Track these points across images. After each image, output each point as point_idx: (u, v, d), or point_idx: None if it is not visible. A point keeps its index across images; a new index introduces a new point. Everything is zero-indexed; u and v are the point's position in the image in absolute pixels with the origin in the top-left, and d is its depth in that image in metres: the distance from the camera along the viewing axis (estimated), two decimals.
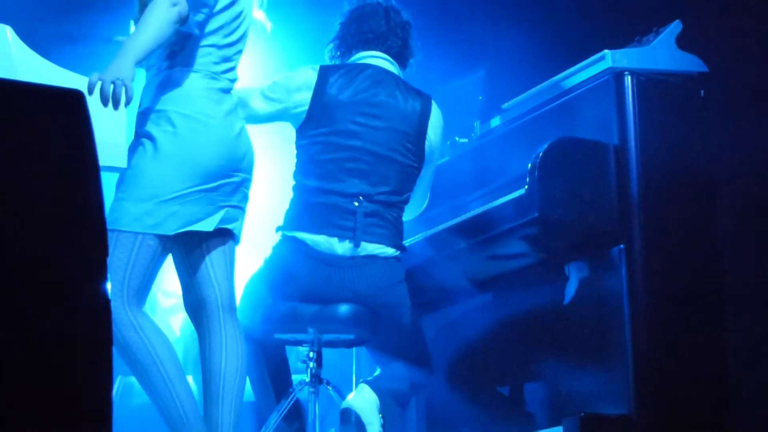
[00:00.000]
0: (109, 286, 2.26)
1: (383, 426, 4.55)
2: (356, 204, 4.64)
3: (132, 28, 4.18)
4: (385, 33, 4.95)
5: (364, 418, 4.52)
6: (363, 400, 4.57)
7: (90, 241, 2.27)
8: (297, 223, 4.70)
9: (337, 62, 4.99)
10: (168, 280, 6.37)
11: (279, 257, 4.74)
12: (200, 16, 4.00)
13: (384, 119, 4.70)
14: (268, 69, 5.35)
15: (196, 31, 4.00)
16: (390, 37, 4.96)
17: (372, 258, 4.66)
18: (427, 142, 4.83)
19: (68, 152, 2.31)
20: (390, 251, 4.69)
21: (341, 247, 4.64)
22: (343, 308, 4.65)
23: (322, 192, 4.67)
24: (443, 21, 6.31)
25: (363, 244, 4.63)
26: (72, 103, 2.35)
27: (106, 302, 2.25)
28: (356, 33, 4.97)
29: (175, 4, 3.87)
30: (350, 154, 4.69)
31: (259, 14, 4.36)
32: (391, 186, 4.70)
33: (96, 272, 2.26)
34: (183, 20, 3.91)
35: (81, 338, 2.24)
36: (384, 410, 4.58)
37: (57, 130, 2.33)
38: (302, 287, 4.68)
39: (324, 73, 4.80)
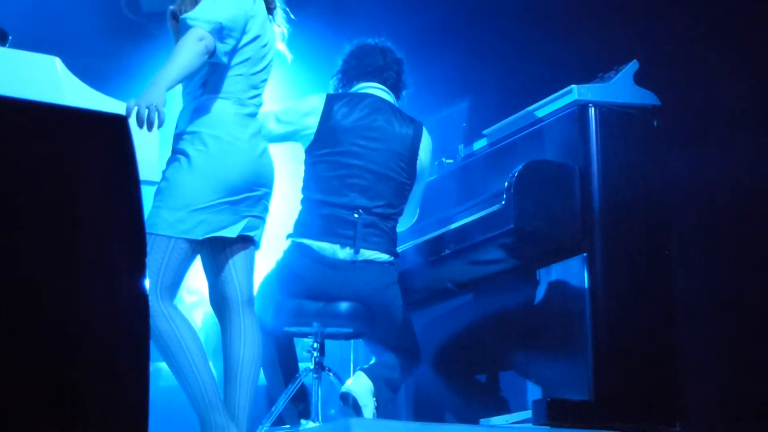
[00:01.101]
0: (147, 282, 2.30)
1: (377, 408, 4.61)
2: (356, 216, 4.68)
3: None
4: (382, 67, 4.99)
5: (360, 401, 4.57)
6: (359, 385, 4.62)
7: (132, 242, 2.31)
8: (304, 231, 4.74)
9: (341, 92, 5.04)
10: (192, 280, 6.37)
11: (288, 260, 4.77)
12: (227, 47, 4.01)
13: (381, 141, 4.73)
14: (285, 94, 5.37)
15: (224, 60, 4.03)
16: (386, 70, 5.00)
17: (369, 263, 4.70)
18: (418, 162, 4.86)
19: (114, 167, 2.34)
20: (385, 257, 4.73)
21: (343, 252, 4.69)
22: (344, 305, 4.68)
23: (326, 205, 4.70)
24: (432, 59, 6.33)
25: (362, 250, 4.67)
26: (117, 125, 2.39)
27: (145, 296, 2.30)
28: (357, 66, 5.01)
29: (201, 39, 3.91)
30: (352, 171, 4.73)
31: (281, 46, 4.39)
32: (387, 200, 4.74)
33: (137, 270, 2.30)
34: (210, 53, 3.94)
35: (123, 327, 2.28)
36: (378, 394, 4.63)
37: (105, 148, 2.36)
38: (308, 286, 4.71)
39: (330, 100, 4.85)
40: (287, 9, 4.42)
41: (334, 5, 6.99)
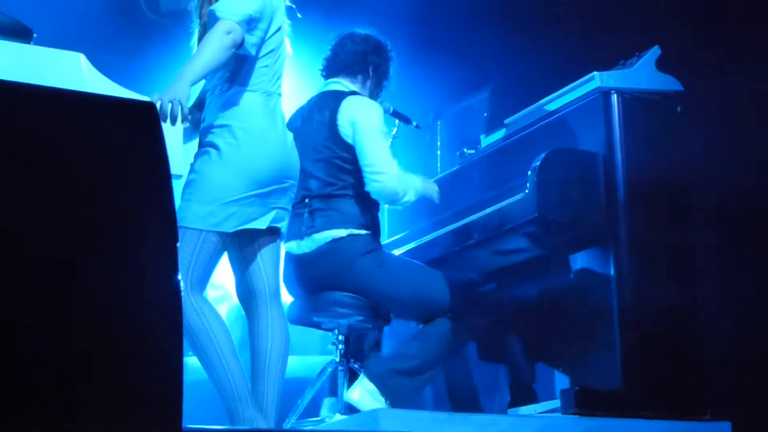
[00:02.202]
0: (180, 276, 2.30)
1: (391, 402, 4.56)
2: (306, 208, 4.75)
3: (194, 47, 4.22)
4: (328, 57, 5.08)
5: (363, 409, 4.54)
6: (361, 391, 4.58)
7: (164, 234, 2.32)
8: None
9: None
10: (216, 275, 6.38)
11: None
12: (255, 39, 4.01)
13: (299, 141, 4.49)
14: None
15: (252, 52, 4.03)
16: (329, 57, 5.07)
17: (328, 243, 4.69)
18: (341, 129, 4.82)
19: (145, 151, 2.35)
20: (342, 232, 4.72)
21: (303, 246, 4.74)
22: (339, 296, 4.76)
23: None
24: (453, 49, 6.32)
25: (314, 236, 4.70)
26: (147, 111, 2.40)
27: (177, 285, 2.30)
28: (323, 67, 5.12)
29: (229, 32, 3.90)
30: None
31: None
32: (323, 179, 4.73)
33: (169, 262, 2.30)
34: (238, 45, 3.94)
35: (157, 315, 2.28)
36: (388, 391, 4.58)
37: (135, 133, 2.37)
38: (292, 285, 4.85)
39: None
40: (293, 6, 4.41)
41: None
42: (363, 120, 4.82)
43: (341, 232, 4.71)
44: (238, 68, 4.08)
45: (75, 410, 2.17)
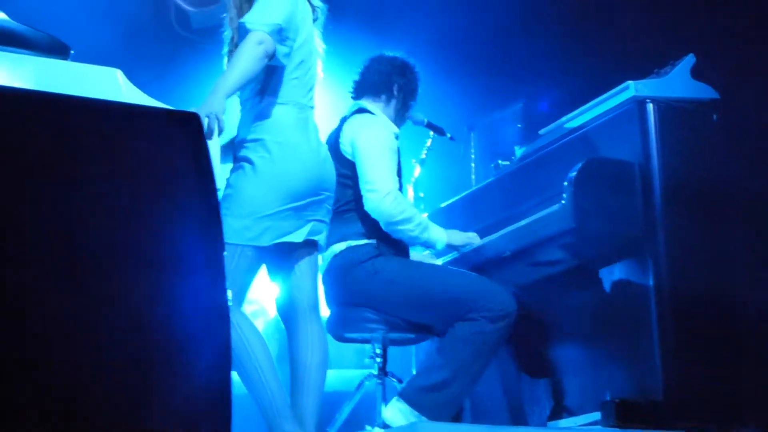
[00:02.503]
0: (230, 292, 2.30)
1: (428, 417, 4.52)
2: None
3: (224, 62, 4.23)
4: (356, 80, 5.15)
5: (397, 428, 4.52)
6: (393, 410, 4.54)
7: (212, 245, 2.32)
8: None
9: None
10: (251, 289, 6.39)
11: None
12: (286, 49, 4.01)
13: None
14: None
15: (284, 63, 4.03)
16: (357, 80, 5.14)
17: (331, 260, 4.74)
18: (342, 146, 4.83)
19: (191, 161, 2.36)
20: (341, 245, 4.73)
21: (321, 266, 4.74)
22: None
23: None
24: (486, 62, 6.32)
25: (323, 254, 4.68)
26: (192, 121, 2.41)
27: (226, 302, 2.30)
28: None
29: (261, 43, 3.91)
30: None
31: (318, 64, 4.39)
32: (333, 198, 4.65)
33: (217, 274, 2.30)
34: (270, 56, 3.94)
35: (207, 333, 2.28)
36: (422, 407, 4.54)
37: (181, 141, 2.38)
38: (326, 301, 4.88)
39: None
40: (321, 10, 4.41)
41: (383, 10, 6.98)
42: (361, 138, 4.83)
43: (340, 246, 4.74)
44: (268, 81, 4.08)
45: (121, 423, 2.17)
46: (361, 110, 4.98)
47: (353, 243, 4.73)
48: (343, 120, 4.95)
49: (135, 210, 2.34)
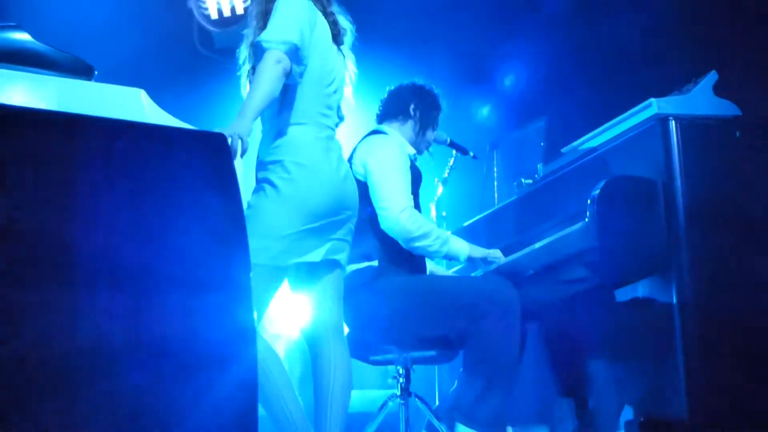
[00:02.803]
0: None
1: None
2: None
3: (242, 81, 4.25)
4: (379, 108, 5.21)
5: None
6: None
7: (238, 264, 2.33)
8: None
9: None
10: (273, 310, 6.40)
11: None
12: (301, 68, 4.03)
13: None
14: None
15: (298, 81, 4.05)
16: (379, 108, 5.21)
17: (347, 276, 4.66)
18: (354, 167, 4.86)
19: (219, 181, 2.38)
20: (351, 267, 4.69)
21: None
22: None
23: None
24: (509, 79, 6.32)
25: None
26: (219, 141, 2.44)
27: (253, 321, 2.31)
28: None
29: (279, 62, 3.92)
30: None
31: (348, 90, 4.41)
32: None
33: (243, 294, 2.32)
34: (288, 74, 3.97)
35: (232, 352, 2.29)
36: (480, 421, 4.54)
37: (207, 162, 2.40)
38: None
39: None
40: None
41: (405, 31, 7.00)
42: (372, 158, 4.86)
43: (352, 267, 4.72)
44: (287, 101, 4.09)
45: None
46: (375, 132, 5.02)
47: (356, 266, 4.74)
48: (359, 143, 4.98)
49: (162, 230, 2.36)
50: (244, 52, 4.28)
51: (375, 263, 4.77)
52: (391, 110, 5.13)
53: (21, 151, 2.39)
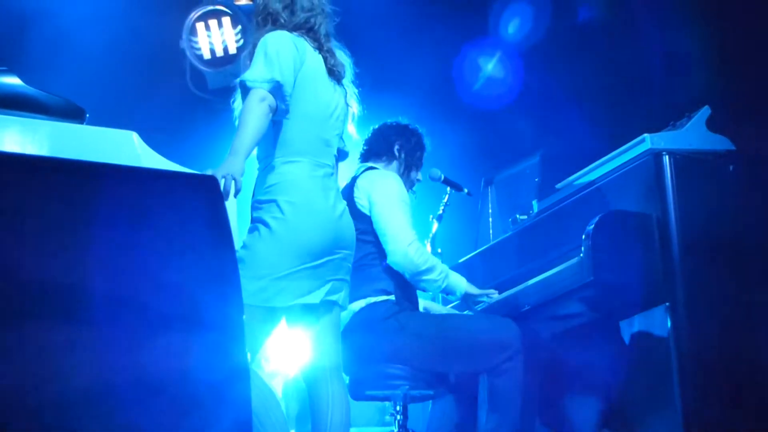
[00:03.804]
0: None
1: None
2: None
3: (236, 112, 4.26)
4: (363, 148, 5.24)
5: None
6: None
7: (230, 304, 2.34)
8: None
9: None
10: (270, 348, 6.39)
11: None
12: (283, 105, 4.06)
13: None
14: None
15: (285, 117, 4.07)
16: (363, 148, 5.24)
17: (352, 317, 4.72)
18: (357, 201, 4.89)
19: (208, 222, 2.40)
20: (361, 303, 4.74)
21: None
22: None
23: None
24: (502, 115, 6.35)
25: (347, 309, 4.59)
26: (210, 183, 2.45)
27: (246, 363, 2.31)
28: None
29: (263, 99, 3.94)
30: None
31: (351, 128, 4.44)
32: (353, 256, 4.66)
33: (236, 334, 2.33)
34: (274, 111, 3.99)
35: (226, 391, 2.29)
36: None
37: (199, 203, 2.42)
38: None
39: None
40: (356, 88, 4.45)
41: (394, 66, 7.04)
42: (376, 191, 4.89)
43: (360, 304, 4.73)
44: (280, 138, 4.10)
45: None
46: (370, 168, 5.04)
47: (373, 300, 4.75)
48: (355, 178, 4.99)
49: (156, 269, 2.37)
50: (238, 99, 4.30)
51: (392, 298, 4.77)
52: (376, 150, 5.16)
53: (17, 194, 2.41)
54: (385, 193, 4.88)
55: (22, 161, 2.63)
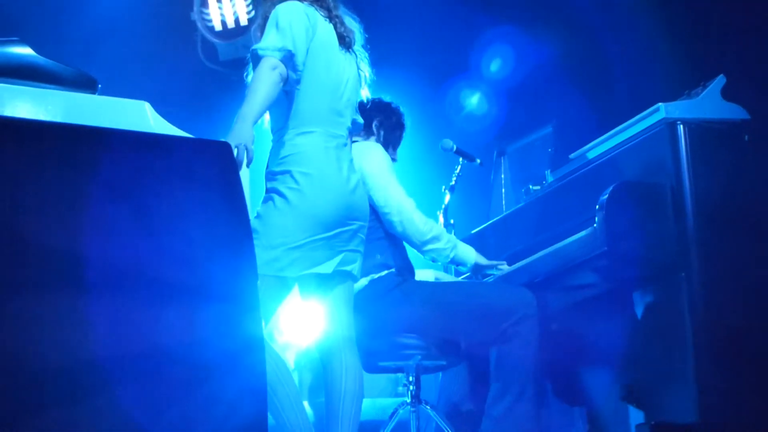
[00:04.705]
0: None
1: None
2: None
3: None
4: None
5: None
6: None
7: (245, 274, 2.34)
8: None
9: None
10: (283, 320, 6.40)
11: None
12: (295, 75, 4.06)
13: None
14: None
15: (296, 87, 4.07)
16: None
17: (356, 294, 4.57)
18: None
19: (223, 190, 2.39)
20: (364, 281, 4.71)
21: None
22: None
23: None
24: (515, 86, 6.33)
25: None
26: (224, 150, 2.45)
27: (260, 331, 2.31)
28: None
29: (274, 68, 3.94)
30: None
31: (364, 92, 4.43)
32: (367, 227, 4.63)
33: (251, 304, 2.32)
34: (285, 80, 3.99)
35: (240, 361, 2.29)
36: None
37: (213, 171, 2.41)
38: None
39: None
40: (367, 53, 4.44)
41: (421, 38, 7.02)
42: (368, 165, 4.86)
43: (363, 282, 4.72)
44: (293, 110, 4.10)
45: None
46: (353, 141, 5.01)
47: (375, 276, 4.74)
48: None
49: (168, 238, 2.37)
50: (251, 72, 4.29)
51: (393, 270, 4.77)
52: (358, 129, 5.11)
53: (27, 160, 2.41)
54: (376, 165, 4.86)
55: (28, 126, 2.63)
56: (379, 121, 5.10)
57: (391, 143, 5.14)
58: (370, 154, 4.89)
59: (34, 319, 2.28)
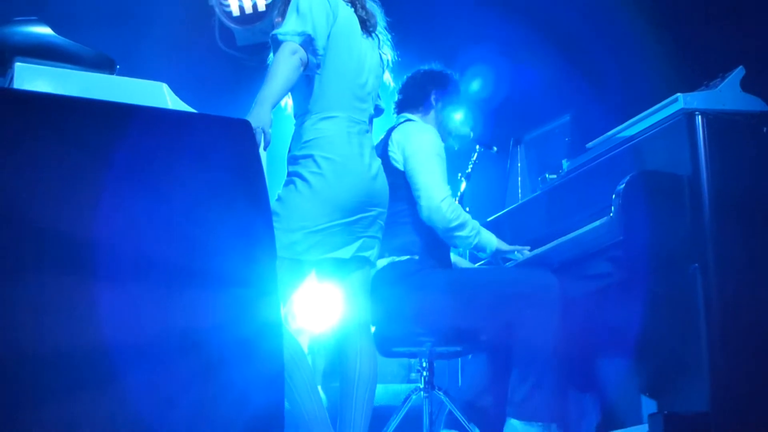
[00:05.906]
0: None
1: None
2: None
3: None
4: (397, 98, 5.16)
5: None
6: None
7: (264, 257, 2.34)
8: None
9: None
10: (298, 304, 6.41)
11: None
12: (318, 59, 4.07)
13: None
14: None
15: (318, 72, 4.07)
16: (398, 98, 5.16)
17: (376, 273, 4.63)
18: (391, 155, 4.83)
19: (243, 169, 2.39)
20: (383, 261, 4.71)
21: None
22: None
23: None
24: (533, 74, 6.31)
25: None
26: (244, 127, 2.45)
27: (279, 314, 2.32)
28: None
29: (294, 52, 3.96)
30: None
31: (386, 76, 4.44)
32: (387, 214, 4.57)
33: (270, 288, 2.33)
34: (305, 65, 4.00)
35: (259, 344, 2.30)
36: (535, 415, 4.60)
37: (233, 148, 2.42)
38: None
39: None
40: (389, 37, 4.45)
41: (430, 19, 7.01)
42: (411, 144, 4.83)
43: (383, 262, 4.72)
44: (315, 95, 4.12)
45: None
46: (408, 120, 5.00)
47: (396, 258, 4.75)
48: (391, 130, 4.96)
49: (185, 220, 2.37)
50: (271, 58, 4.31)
51: (415, 257, 4.77)
52: (412, 101, 5.09)
53: (47, 138, 2.42)
54: (420, 147, 4.83)
55: (43, 100, 2.63)
56: (437, 94, 5.09)
57: (452, 112, 5.13)
58: (416, 136, 4.88)
59: (44, 305, 2.28)
